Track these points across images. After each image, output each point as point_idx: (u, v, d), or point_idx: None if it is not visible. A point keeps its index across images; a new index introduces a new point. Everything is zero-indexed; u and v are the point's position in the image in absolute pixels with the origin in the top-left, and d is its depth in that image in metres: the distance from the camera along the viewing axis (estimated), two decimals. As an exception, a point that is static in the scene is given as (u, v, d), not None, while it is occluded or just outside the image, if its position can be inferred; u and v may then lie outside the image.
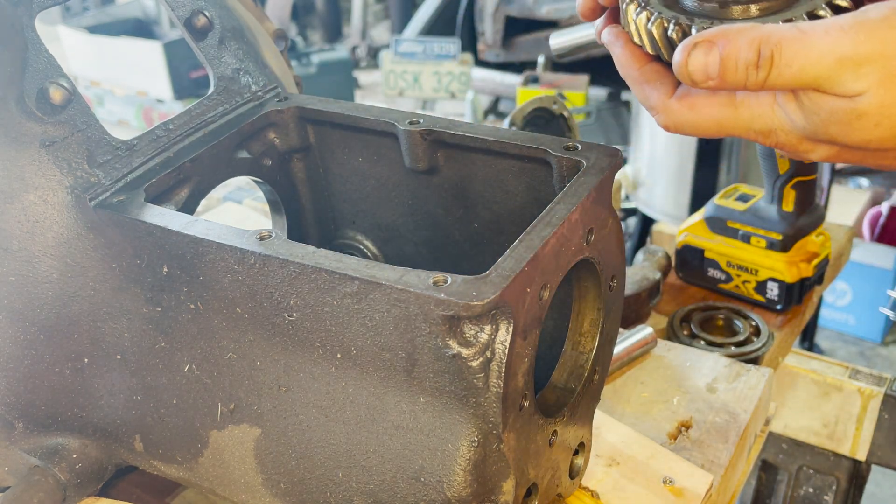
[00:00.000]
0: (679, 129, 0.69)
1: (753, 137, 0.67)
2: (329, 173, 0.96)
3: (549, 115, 1.39)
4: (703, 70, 0.62)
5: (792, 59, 0.59)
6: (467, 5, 5.16)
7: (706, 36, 0.62)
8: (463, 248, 0.91)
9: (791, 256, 1.30)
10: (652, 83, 0.70)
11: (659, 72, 0.70)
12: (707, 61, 0.62)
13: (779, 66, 0.60)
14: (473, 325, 0.62)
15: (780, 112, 0.64)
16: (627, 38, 0.71)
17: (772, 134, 0.65)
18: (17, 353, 0.76)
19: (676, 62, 0.63)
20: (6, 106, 0.72)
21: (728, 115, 0.66)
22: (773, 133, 0.65)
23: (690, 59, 0.62)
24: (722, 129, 0.67)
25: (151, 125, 0.88)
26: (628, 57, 0.71)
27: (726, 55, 0.61)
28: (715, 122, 0.66)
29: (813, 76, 0.60)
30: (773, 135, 0.65)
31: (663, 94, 0.69)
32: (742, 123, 0.66)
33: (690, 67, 0.62)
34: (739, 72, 0.61)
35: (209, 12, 0.90)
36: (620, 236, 0.78)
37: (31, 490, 0.80)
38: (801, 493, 1.50)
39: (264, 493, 0.76)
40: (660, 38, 0.67)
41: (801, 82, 0.60)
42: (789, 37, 0.60)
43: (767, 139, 0.66)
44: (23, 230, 0.74)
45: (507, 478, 0.68)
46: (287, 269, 0.66)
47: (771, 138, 0.66)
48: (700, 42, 0.62)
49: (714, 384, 1.07)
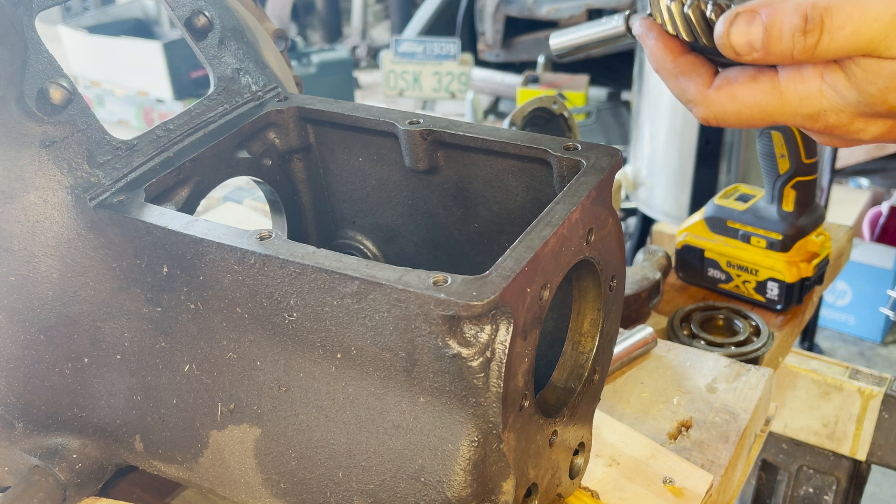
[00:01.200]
0: (721, 122, 0.65)
1: (801, 123, 0.63)
2: (329, 173, 0.96)
3: (549, 115, 1.39)
4: (747, 40, 0.59)
5: (845, 20, 0.56)
6: (467, 5, 5.17)
7: (749, 5, 0.59)
8: (463, 248, 0.91)
9: (791, 256, 1.30)
10: (688, 75, 0.66)
11: (695, 63, 0.66)
12: (750, 30, 0.58)
13: (830, 30, 0.56)
14: (473, 325, 0.62)
15: (829, 91, 0.60)
16: (660, 30, 0.67)
17: (821, 116, 0.61)
18: (17, 353, 0.76)
19: (718, 33, 0.60)
20: (6, 106, 0.72)
21: (772, 102, 0.62)
22: (823, 114, 0.61)
23: (733, 30, 0.59)
24: (767, 117, 0.63)
25: (151, 125, 0.88)
26: (661, 49, 0.67)
27: (770, 22, 0.58)
28: (759, 110, 0.63)
29: (868, 38, 0.56)
30: (822, 117, 0.62)
31: (701, 85, 0.65)
32: (788, 109, 0.62)
33: (733, 38, 0.59)
34: (785, 40, 0.57)
35: (209, 12, 0.90)
36: (620, 236, 0.78)
37: (31, 490, 0.80)
38: (801, 493, 1.50)
39: (264, 493, 0.76)
40: (697, 21, 0.64)
41: (856, 46, 0.56)
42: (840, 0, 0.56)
43: (816, 123, 0.62)
44: (23, 230, 0.74)
45: (507, 478, 0.68)
46: (287, 269, 0.66)
47: (820, 121, 0.62)
48: (742, 11, 0.59)
49: (714, 384, 1.07)
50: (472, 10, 5.20)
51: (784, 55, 0.59)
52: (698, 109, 0.67)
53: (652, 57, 0.69)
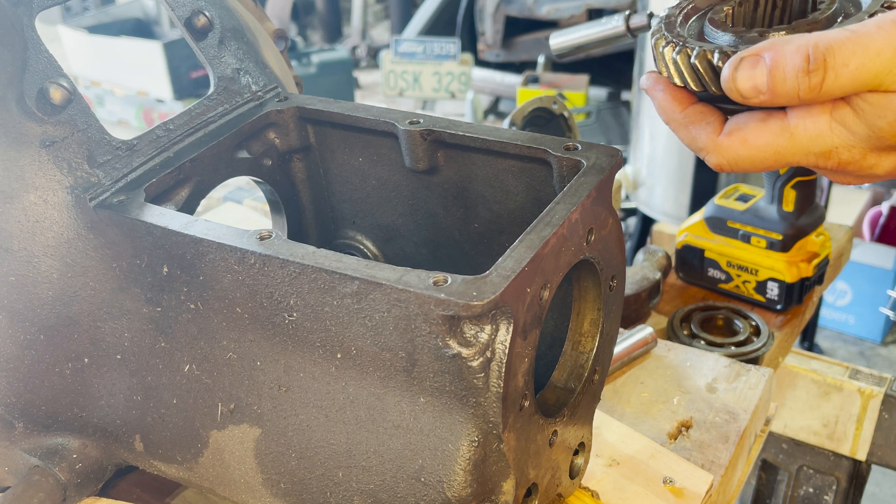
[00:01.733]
0: (735, 167, 0.66)
1: (814, 161, 0.63)
2: (329, 173, 0.96)
3: (549, 115, 1.39)
4: (752, 84, 0.60)
5: (848, 58, 0.57)
6: (467, 5, 5.17)
7: (753, 50, 0.60)
8: (463, 248, 0.91)
9: (791, 256, 1.30)
10: (698, 124, 0.67)
11: (704, 111, 0.67)
12: (755, 74, 0.59)
13: (834, 69, 0.57)
14: (473, 325, 0.62)
15: (838, 128, 0.61)
16: (667, 82, 0.68)
17: (833, 153, 0.62)
18: (17, 353, 0.76)
19: (724, 78, 0.61)
20: (6, 106, 0.72)
21: (784, 143, 0.62)
22: (836, 152, 0.62)
23: (738, 74, 0.60)
24: (780, 158, 0.63)
25: (151, 125, 0.88)
26: (670, 100, 0.68)
27: (774, 65, 0.59)
28: (772, 152, 0.63)
29: (873, 73, 0.57)
30: (834, 154, 0.62)
31: (711, 133, 0.66)
32: (800, 148, 0.62)
33: (739, 83, 0.60)
34: (790, 81, 0.58)
35: (209, 12, 0.90)
36: (620, 236, 0.78)
37: (31, 490, 0.80)
38: (801, 493, 1.50)
39: (264, 493, 0.76)
40: (705, 70, 0.65)
41: (861, 82, 0.57)
42: (841, 38, 0.57)
43: (829, 160, 0.63)
44: (23, 230, 0.74)
45: (507, 478, 0.68)
46: (287, 269, 0.66)
47: (832, 159, 0.62)
48: (746, 56, 0.60)
49: (714, 384, 1.07)
50: (472, 10, 5.20)
51: (790, 96, 0.59)
52: (711, 157, 0.67)
53: (661, 109, 0.69)
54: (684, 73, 0.66)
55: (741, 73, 0.60)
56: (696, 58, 0.64)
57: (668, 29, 0.69)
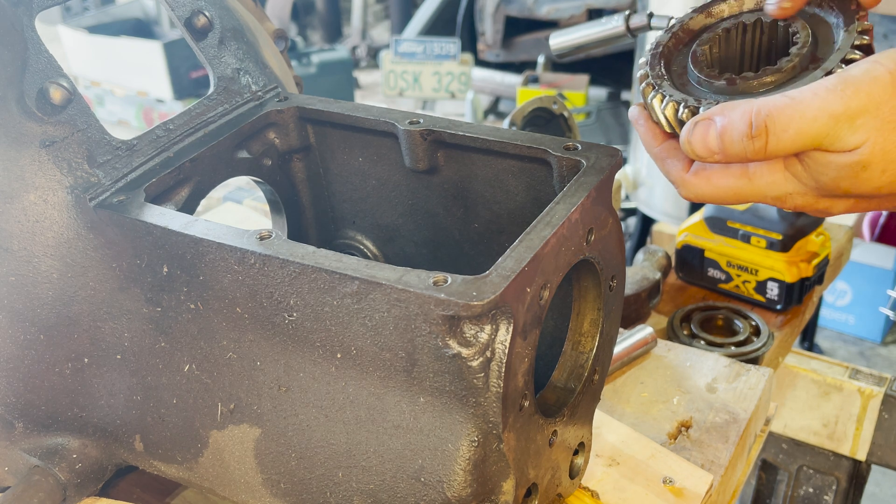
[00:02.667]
0: (700, 199, 0.72)
1: (771, 202, 0.70)
2: (329, 173, 0.96)
3: (549, 115, 1.39)
4: (706, 146, 0.66)
5: (787, 124, 0.62)
6: (467, 5, 5.17)
7: (706, 114, 0.66)
8: (463, 248, 0.91)
9: (791, 256, 1.30)
10: (670, 159, 0.73)
11: (676, 148, 0.73)
12: (707, 137, 0.66)
13: (775, 133, 0.63)
14: (473, 325, 0.62)
15: (791, 178, 0.67)
16: (648, 117, 0.75)
17: (788, 198, 0.68)
18: (17, 353, 0.76)
19: (682, 140, 0.68)
20: (6, 106, 0.72)
21: (743, 186, 0.68)
22: (790, 197, 0.68)
23: (693, 138, 0.67)
24: (740, 198, 0.70)
25: (151, 125, 0.88)
26: (648, 134, 0.75)
27: (723, 130, 0.65)
28: (732, 192, 0.69)
29: (812, 137, 0.62)
30: (790, 199, 0.68)
31: (680, 169, 0.72)
32: (758, 192, 0.68)
33: (694, 146, 0.67)
34: (737, 144, 0.65)
35: (209, 12, 0.90)
36: (620, 236, 0.78)
37: (31, 490, 0.80)
38: (801, 493, 1.50)
39: (264, 493, 0.76)
40: (672, 119, 0.71)
41: (802, 145, 0.63)
42: (780, 105, 0.63)
43: (785, 203, 0.69)
44: (23, 230, 0.74)
45: (507, 478, 0.68)
46: (287, 269, 0.66)
47: (788, 202, 0.69)
48: (700, 120, 0.66)
49: (714, 384, 1.07)
50: (472, 10, 5.20)
51: (740, 157, 0.66)
52: (680, 190, 0.74)
53: (642, 140, 0.76)
54: (657, 116, 0.73)
55: (696, 136, 0.67)
56: (666, 107, 0.71)
57: (651, 66, 0.75)
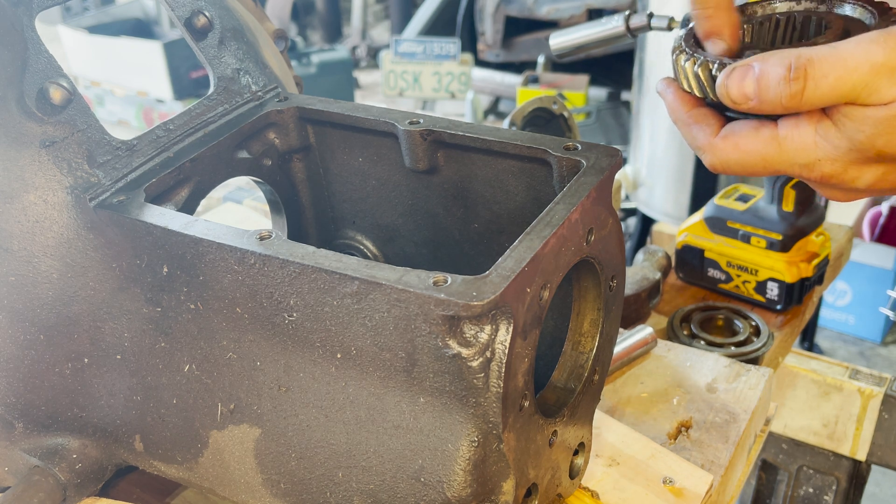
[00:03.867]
0: (726, 168, 0.71)
1: (798, 172, 0.68)
2: (329, 173, 0.96)
3: (549, 115, 1.39)
4: (741, 91, 0.65)
5: (828, 70, 0.61)
6: (467, 5, 5.17)
7: (745, 61, 0.66)
8: (463, 248, 0.91)
9: (791, 256, 1.30)
10: (699, 124, 0.73)
11: (705, 114, 0.73)
12: (745, 82, 0.65)
13: (814, 79, 0.62)
14: (473, 325, 0.62)
15: (822, 142, 0.65)
16: (677, 86, 0.75)
17: (816, 165, 0.67)
18: (17, 353, 0.76)
19: (718, 84, 0.67)
20: (6, 106, 0.72)
21: (772, 151, 0.68)
22: (818, 164, 0.67)
23: (729, 82, 0.66)
24: (768, 166, 0.69)
25: (151, 125, 0.88)
26: (677, 101, 0.74)
27: (761, 74, 0.64)
28: (760, 159, 0.68)
29: (850, 86, 0.61)
30: (818, 166, 0.67)
31: (709, 134, 0.72)
32: (787, 158, 0.67)
33: (730, 90, 0.66)
34: (773, 88, 0.63)
35: (209, 12, 0.90)
36: (620, 236, 0.78)
37: (31, 490, 0.80)
38: (801, 493, 1.50)
39: (264, 494, 0.76)
40: (706, 79, 0.71)
41: (839, 93, 0.62)
42: (821, 52, 0.62)
43: (812, 172, 0.67)
44: (23, 230, 0.74)
45: (507, 478, 0.68)
46: (287, 269, 0.66)
47: (816, 170, 0.67)
48: (739, 66, 0.66)
49: (714, 384, 1.07)
50: (472, 10, 5.20)
51: (775, 103, 0.64)
52: (706, 156, 0.73)
53: (669, 109, 0.76)
54: (689, 80, 0.72)
55: (732, 80, 0.66)
56: (700, 66, 0.71)
57: (685, 40, 0.75)
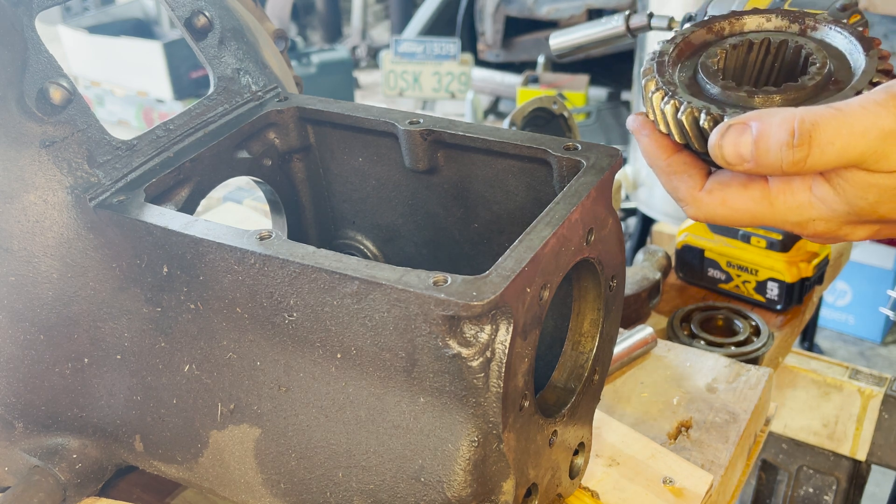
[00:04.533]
0: (710, 220, 0.67)
1: (790, 228, 0.65)
2: (329, 173, 0.96)
3: (549, 115, 1.39)
4: (737, 151, 0.60)
5: (833, 137, 0.57)
6: (467, 5, 5.17)
7: (740, 119, 0.61)
8: (463, 248, 0.91)
9: (791, 256, 1.30)
10: (680, 175, 0.68)
11: (687, 163, 0.67)
12: (740, 142, 0.60)
13: (820, 145, 0.58)
14: (473, 325, 0.62)
15: (817, 202, 0.62)
16: (653, 127, 0.68)
17: (810, 224, 0.63)
18: (17, 354, 0.76)
19: (711, 144, 0.62)
20: (6, 106, 0.72)
21: (763, 210, 0.64)
22: (812, 223, 0.63)
23: (724, 141, 0.61)
24: (757, 222, 0.65)
25: (151, 125, 0.88)
26: (654, 147, 0.68)
27: (760, 135, 0.59)
28: (750, 216, 0.65)
29: (858, 153, 0.57)
30: (811, 225, 0.64)
31: (692, 186, 0.67)
32: (779, 217, 0.64)
33: (725, 150, 0.61)
34: (773, 153, 0.59)
35: (209, 12, 0.90)
36: (620, 236, 0.78)
37: (31, 490, 0.80)
38: (801, 493, 1.50)
39: (264, 493, 0.76)
40: (690, 128, 0.65)
41: (845, 160, 0.58)
42: (827, 115, 0.58)
43: (805, 229, 0.64)
44: (23, 230, 0.74)
45: (507, 478, 0.68)
46: (287, 269, 0.66)
47: (809, 228, 0.64)
48: (734, 124, 0.61)
49: (714, 384, 1.07)
50: (472, 10, 5.20)
51: (774, 168, 0.60)
52: (689, 209, 0.68)
53: (645, 153, 0.69)
54: (670, 125, 0.66)
55: (727, 140, 0.61)
56: (684, 114, 0.65)
57: (659, 72, 0.69)
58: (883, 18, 2.90)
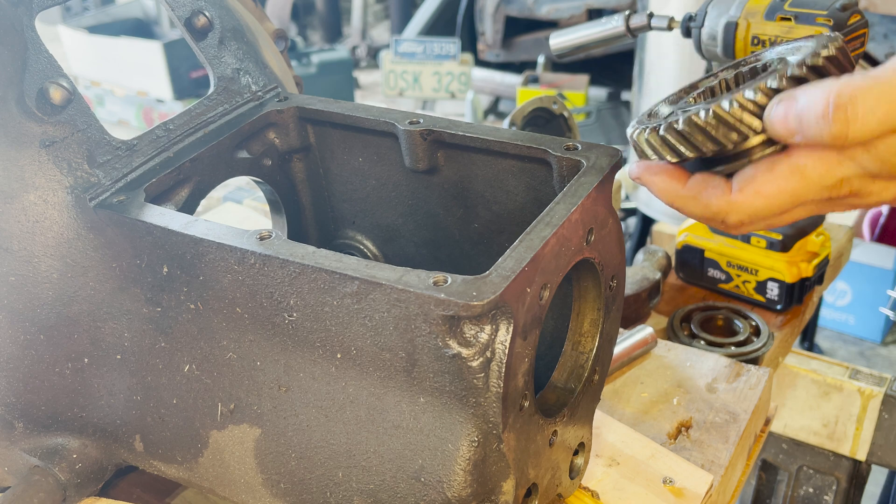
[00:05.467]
0: (753, 221, 0.67)
1: (826, 194, 0.65)
2: (329, 173, 0.96)
3: (549, 115, 1.39)
4: (785, 126, 0.62)
5: (873, 105, 0.58)
6: (467, 5, 5.17)
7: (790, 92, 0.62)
8: (463, 248, 0.91)
9: (791, 256, 1.30)
10: (706, 191, 0.67)
11: (706, 179, 0.68)
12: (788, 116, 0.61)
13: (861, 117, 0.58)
14: (473, 325, 0.62)
15: (847, 161, 0.62)
16: (658, 167, 0.69)
17: (844, 183, 0.64)
18: (17, 353, 0.76)
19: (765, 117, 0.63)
20: (6, 106, 0.72)
21: (797, 184, 0.64)
22: (847, 181, 0.63)
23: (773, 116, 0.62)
24: (797, 200, 0.65)
25: (151, 125, 0.88)
26: (667, 180, 0.69)
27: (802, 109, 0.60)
28: (788, 195, 0.65)
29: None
30: (845, 183, 0.64)
31: (722, 194, 0.67)
32: (814, 184, 0.64)
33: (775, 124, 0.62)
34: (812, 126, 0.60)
35: (209, 12, 0.90)
36: (620, 236, 0.78)
37: (31, 490, 0.80)
38: (801, 493, 1.50)
39: (264, 493, 0.76)
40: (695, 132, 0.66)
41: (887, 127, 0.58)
42: (864, 86, 0.58)
43: (840, 189, 0.64)
44: (23, 230, 0.74)
45: (507, 478, 0.68)
46: (287, 269, 0.66)
47: (844, 187, 0.64)
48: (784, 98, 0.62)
49: (714, 384, 1.07)
50: (472, 10, 5.20)
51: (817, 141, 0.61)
52: (730, 217, 0.67)
53: (661, 192, 0.70)
54: (676, 145, 0.67)
55: (776, 113, 0.62)
56: (685, 124, 0.65)
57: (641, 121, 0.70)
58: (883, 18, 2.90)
